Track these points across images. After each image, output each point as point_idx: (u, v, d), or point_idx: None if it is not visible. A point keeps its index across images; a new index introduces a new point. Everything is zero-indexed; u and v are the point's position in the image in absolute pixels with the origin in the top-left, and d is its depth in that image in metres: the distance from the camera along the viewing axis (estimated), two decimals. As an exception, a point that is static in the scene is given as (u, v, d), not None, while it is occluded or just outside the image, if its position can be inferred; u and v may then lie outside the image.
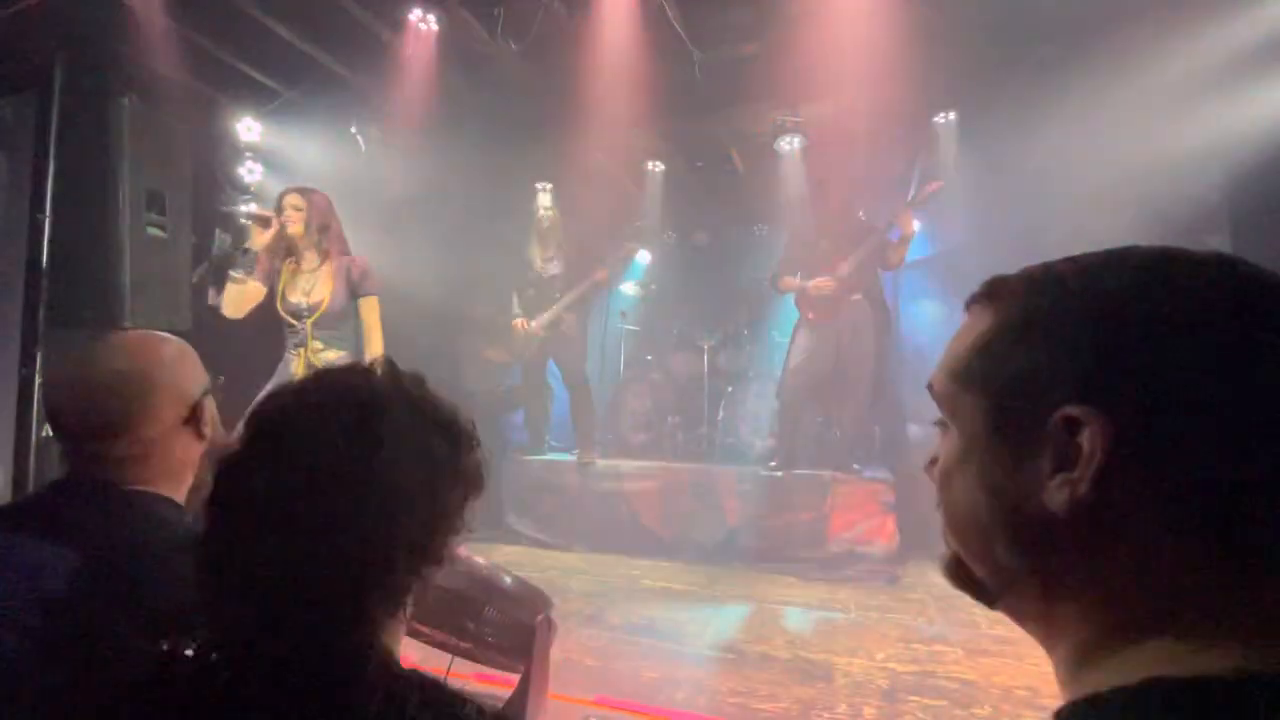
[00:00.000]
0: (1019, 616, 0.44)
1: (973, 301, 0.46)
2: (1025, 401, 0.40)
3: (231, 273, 2.73)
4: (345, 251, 2.89)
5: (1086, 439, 0.37)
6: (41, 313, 2.84)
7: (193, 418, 0.94)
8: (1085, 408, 0.37)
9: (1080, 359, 0.38)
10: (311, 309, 2.73)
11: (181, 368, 0.95)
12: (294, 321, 2.76)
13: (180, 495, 0.94)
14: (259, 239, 2.73)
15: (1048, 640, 0.43)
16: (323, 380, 0.64)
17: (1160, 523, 0.36)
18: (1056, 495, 0.38)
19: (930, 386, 0.48)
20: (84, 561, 0.78)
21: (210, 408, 0.97)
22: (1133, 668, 0.36)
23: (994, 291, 0.45)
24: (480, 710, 0.56)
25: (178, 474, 0.94)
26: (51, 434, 0.95)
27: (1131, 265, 0.40)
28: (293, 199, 2.80)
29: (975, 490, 0.43)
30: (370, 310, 2.79)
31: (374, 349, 2.78)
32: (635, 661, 2.53)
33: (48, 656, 0.73)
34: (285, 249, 2.81)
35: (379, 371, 0.65)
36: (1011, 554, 0.42)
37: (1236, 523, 0.35)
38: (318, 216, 2.80)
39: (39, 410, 2.75)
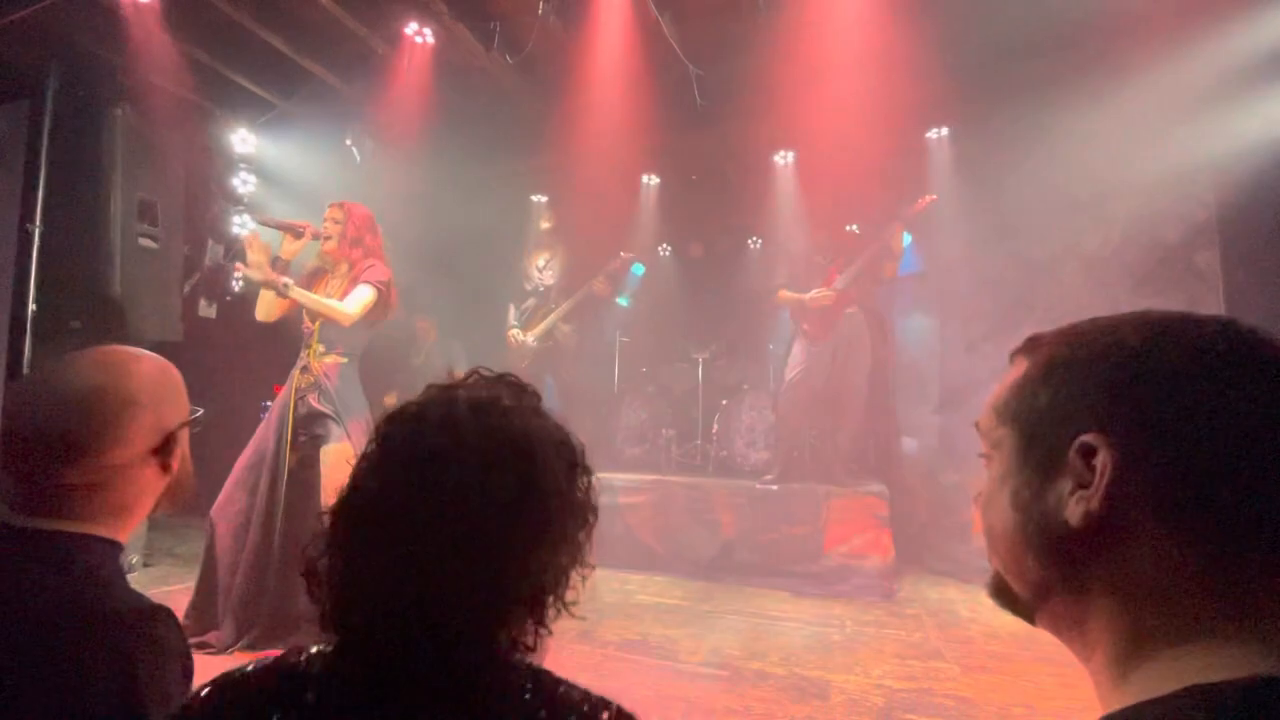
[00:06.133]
0: (1057, 629, 0.49)
1: (1015, 353, 0.54)
2: (1050, 431, 0.47)
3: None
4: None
5: (1099, 461, 0.43)
6: (29, 324, 2.80)
7: (164, 448, 0.84)
8: (1099, 435, 0.44)
9: (1096, 395, 0.45)
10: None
11: (163, 391, 0.85)
12: (308, 323, 2.78)
13: (124, 533, 0.84)
14: (290, 248, 2.74)
15: (1084, 651, 0.47)
16: (478, 419, 0.62)
17: (1165, 533, 0.42)
18: (1074, 510, 0.44)
19: (977, 424, 0.55)
20: None
21: (184, 441, 0.87)
22: (1165, 677, 0.40)
23: (1031, 344, 0.52)
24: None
25: (130, 509, 0.84)
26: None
27: (1144, 321, 0.47)
28: (333, 212, 2.82)
29: (1009, 510, 0.49)
30: (357, 292, 2.69)
31: (337, 318, 2.64)
32: (628, 679, 2.50)
33: None
34: (330, 260, 2.83)
35: (528, 409, 0.66)
36: (1041, 566, 0.47)
37: (1228, 532, 0.41)
38: (353, 230, 2.81)
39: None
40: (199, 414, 0.91)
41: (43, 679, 0.66)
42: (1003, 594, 0.52)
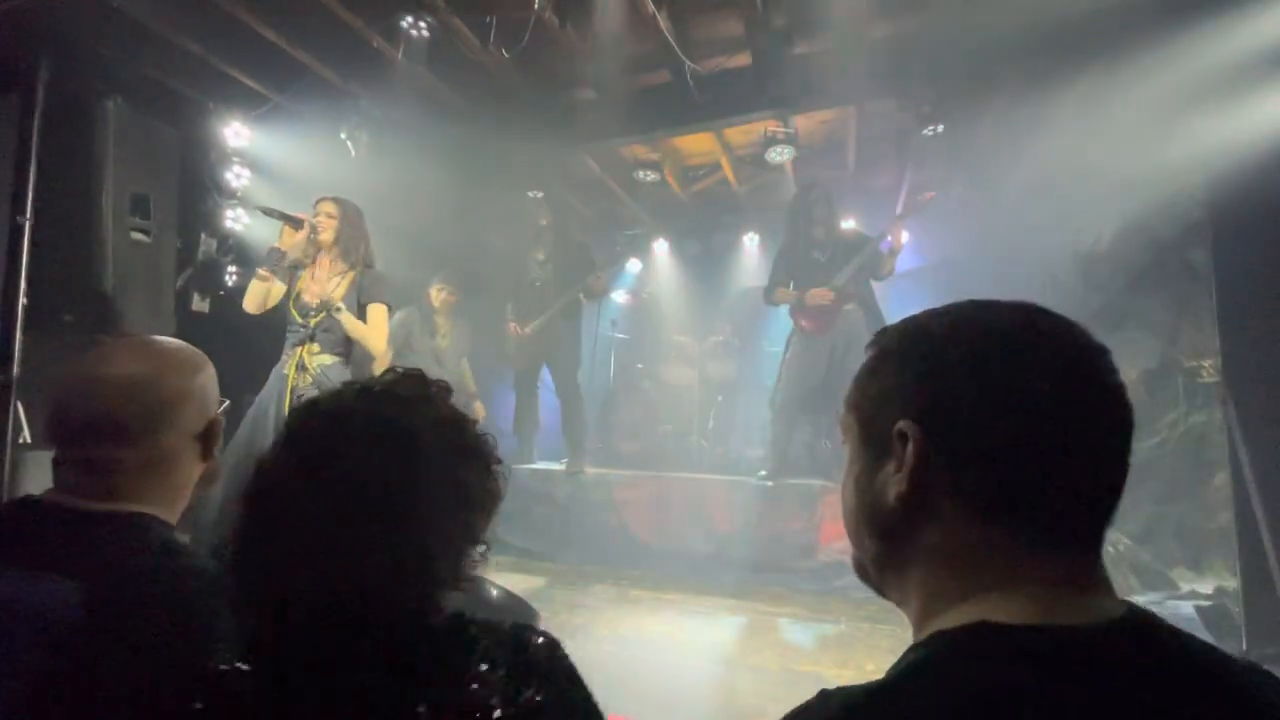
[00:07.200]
0: (896, 601, 0.54)
1: (867, 346, 0.58)
2: (879, 418, 0.51)
3: (259, 269, 2.74)
4: (370, 264, 2.90)
5: (909, 446, 0.48)
6: (20, 317, 2.78)
7: (206, 435, 0.89)
8: (910, 423, 0.48)
9: (907, 384, 0.50)
10: (319, 309, 2.73)
11: (206, 379, 0.90)
12: (300, 319, 2.76)
13: (174, 516, 0.87)
14: (289, 239, 2.74)
15: (905, 608, 0.52)
16: (367, 406, 0.66)
17: (956, 510, 0.47)
18: (889, 492, 0.49)
19: (837, 414, 0.60)
20: (88, 597, 0.71)
21: (220, 429, 0.92)
22: (938, 624, 0.46)
23: (877, 337, 0.57)
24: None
25: (176, 493, 0.88)
26: (36, 440, 0.86)
27: (948, 311, 0.52)
28: (327, 206, 2.82)
29: (852, 492, 0.55)
30: (375, 315, 2.79)
31: (373, 348, 2.78)
32: (624, 674, 2.50)
33: (51, 701, 0.68)
34: (313, 253, 2.83)
35: (417, 396, 0.69)
36: (873, 541, 0.53)
37: (1002, 514, 0.46)
38: (348, 226, 2.82)
39: (14, 418, 2.69)
40: (226, 405, 0.95)
41: (116, 645, 0.70)
42: (860, 571, 0.57)
